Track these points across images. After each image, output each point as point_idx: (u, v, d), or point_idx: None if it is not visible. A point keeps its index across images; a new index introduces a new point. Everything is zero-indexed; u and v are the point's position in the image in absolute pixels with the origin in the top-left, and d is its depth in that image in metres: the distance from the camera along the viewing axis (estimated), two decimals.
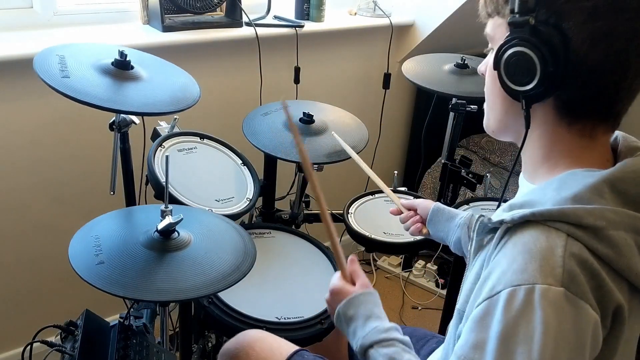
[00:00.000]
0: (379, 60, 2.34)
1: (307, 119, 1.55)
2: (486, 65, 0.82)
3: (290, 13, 2.09)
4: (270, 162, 1.66)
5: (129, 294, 0.94)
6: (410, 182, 2.62)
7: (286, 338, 1.22)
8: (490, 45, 0.80)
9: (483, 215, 0.75)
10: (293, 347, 1.10)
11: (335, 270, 1.42)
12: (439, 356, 0.89)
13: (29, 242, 1.72)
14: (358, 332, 0.89)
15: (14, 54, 1.47)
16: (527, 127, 0.74)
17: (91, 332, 1.09)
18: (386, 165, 2.58)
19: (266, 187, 1.66)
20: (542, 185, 0.74)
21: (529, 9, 0.68)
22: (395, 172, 1.80)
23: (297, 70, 2.05)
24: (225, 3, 1.88)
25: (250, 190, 1.47)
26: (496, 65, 0.74)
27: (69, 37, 1.62)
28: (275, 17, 2.03)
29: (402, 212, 1.28)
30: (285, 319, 1.26)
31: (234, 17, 1.89)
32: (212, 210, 1.31)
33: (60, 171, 1.70)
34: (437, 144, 2.07)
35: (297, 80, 2.06)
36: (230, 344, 1.14)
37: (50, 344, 1.05)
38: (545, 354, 0.62)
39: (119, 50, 1.29)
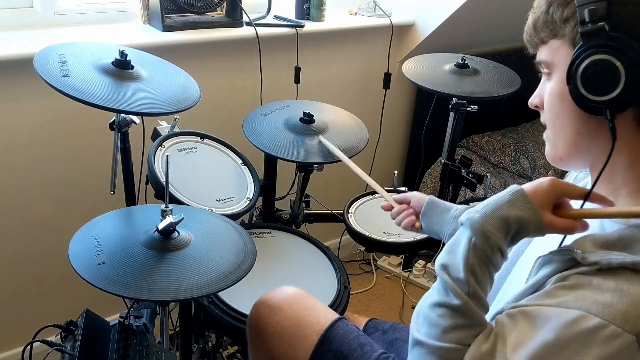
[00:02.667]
0: (379, 60, 2.34)
1: (307, 119, 1.55)
2: (541, 97, 0.80)
3: (290, 13, 2.09)
4: (271, 162, 1.66)
5: (129, 294, 0.94)
6: (410, 182, 2.62)
7: None
8: (544, 72, 0.79)
9: (573, 251, 0.70)
10: (334, 315, 1.08)
11: (336, 270, 1.42)
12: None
13: (29, 241, 1.72)
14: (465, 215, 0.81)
15: (14, 53, 1.47)
16: (614, 139, 0.70)
17: (91, 331, 1.09)
18: (386, 165, 2.58)
19: (266, 186, 1.66)
20: (636, 222, 0.70)
21: (601, 16, 0.67)
22: (396, 172, 1.80)
23: (297, 70, 2.05)
24: (225, 3, 1.88)
25: (250, 190, 1.47)
26: (570, 80, 0.71)
27: (70, 36, 1.62)
28: (276, 17, 2.03)
29: (392, 207, 1.25)
30: None
31: (234, 16, 1.89)
32: (212, 210, 1.31)
33: (60, 171, 1.70)
34: (437, 144, 2.07)
35: (297, 80, 2.06)
36: (270, 295, 1.11)
37: (50, 344, 1.05)
38: None
39: (119, 50, 1.29)
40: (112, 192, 1.43)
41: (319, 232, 1.80)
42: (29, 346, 1.05)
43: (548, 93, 0.78)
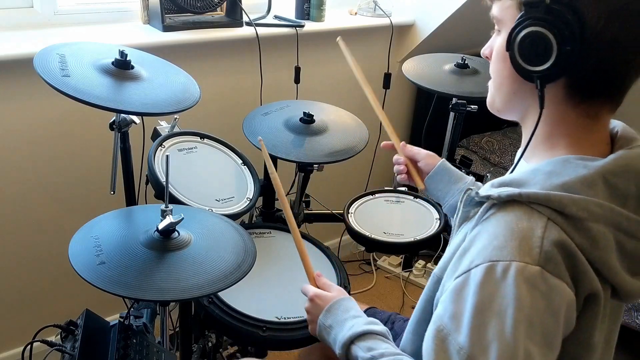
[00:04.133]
0: (380, 60, 2.34)
1: (307, 119, 1.55)
2: (491, 49, 0.82)
3: (290, 13, 2.09)
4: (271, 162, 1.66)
5: (129, 294, 0.94)
6: None
7: (286, 338, 1.22)
8: (496, 27, 0.80)
9: (471, 189, 0.77)
10: (364, 305, 1.14)
11: (336, 270, 1.42)
12: (415, 320, 0.91)
13: (29, 241, 1.72)
14: (339, 336, 0.92)
15: (14, 53, 1.47)
16: (542, 107, 0.74)
17: (91, 331, 1.09)
18: (386, 165, 2.57)
19: (266, 186, 1.66)
20: (535, 167, 0.75)
21: None
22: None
23: (297, 70, 2.04)
24: (225, 3, 1.88)
25: (250, 190, 1.47)
26: (509, 46, 0.74)
27: (70, 36, 1.62)
28: (276, 17, 2.03)
29: (395, 149, 1.27)
30: (285, 318, 1.26)
31: (234, 16, 1.89)
32: (212, 210, 1.31)
33: (60, 171, 1.70)
34: (437, 144, 2.07)
35: (297, 80, 2.06)
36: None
37: (51, 344, 1.05)
38: (518, 329, 0.64)
39: (119, 50, 1.29)
40: (112, 192, 1.43)
41: (319, 232, 1.80)
42: (29, 346, 1.04)
43: (495, 49, 0.80)
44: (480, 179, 1.79)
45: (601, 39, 0.68)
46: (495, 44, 0.80)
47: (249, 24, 1.88)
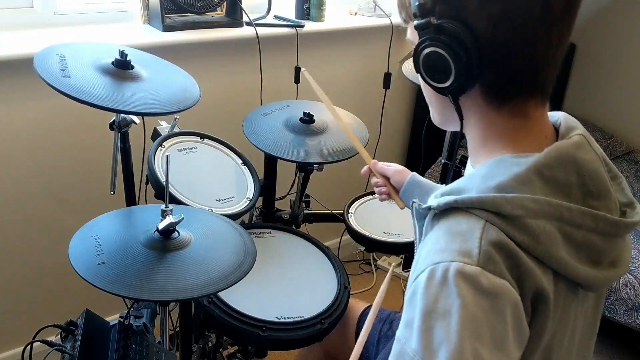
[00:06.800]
0: (380, 60, 2.34)
1: (307, 119, 1.55)
2: None
3: (290, 13, 2.09)
4: (271, 161, 1.66)
5: (130, 294, 0.94)
6: None
7: (286, 338, 1.22)
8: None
9: (415, 201, 0.78)
10: (364, 304, 1.20)
11: (336, 270, 1.42)
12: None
13: (29, 241, 1.72)
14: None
15: (14, 53, 1.47)
16: (461, 118, 0.77)
17: (91, 331, 1.09)
18: None
19: (266, 186, 1.66)
20: (472, 172, 0.75)
21: (429, 10, 0.70)
22: None
23: (297, 70, 2.05)
24: (225, 3, 1.88)
25: (250, 190, 1.47)
26: (417, 68, 0.76)
27: (70, 36, 1.62)
28: (276, 17, 2.03)
29: (372, 173, 1.28)
30: (285, 318, 1.26)
31: (234, 17, 1.89)
32: (212, 210, 1.31)
33: (60, 171, 1.70)
34: (437, 144, 2.07)
35: (297, 80, 2.06)
36: None
37: (51, 344, 1.05)
38: (464, 329, 0.63)
39: (119, 50, 1.29)
40: (112, 192, 1.43)
41: (319, 232, 1.80)
42: (29, 346, 1.05)
43: None
44: None
45: (496, 44, 0.68)
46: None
47: (249, 24, 1.88)
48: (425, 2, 0.70)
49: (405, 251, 2.16)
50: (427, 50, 0.73)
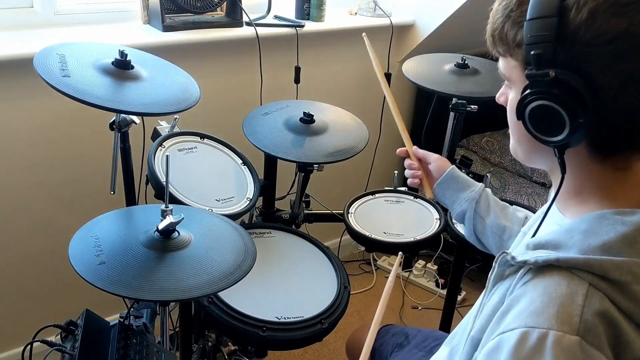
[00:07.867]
0: (380, 60, 2.33)
1: (307, 119, 1.55)
2: (505, 97, 0.79)
3: (290, 13, 2.09)
4: (271, 162, 1.66)
5: (129, 294, 0.94)
6: None
7: (286, 338, 1.22)
8: (506, 82, 0.77)
9: (506, 252, 0.72)
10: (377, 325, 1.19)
11: (336, 270, 1.42)
12: None
13: (29, 241, 1.72)
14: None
15: (14, 53, 1.47)
16: (563, 172, 0.71)
17: (91, 331, 1.09)
18: (386, 165, 2.58)
19: (266, 186, 1.66)
20: (569, 226, 0.71)
21: (548, 60, 0.65)
22: (396, 172, 1.80)
23: (297, 70, 2.04)
24: (225, 3, 1.88)
25: (250, 190, 1.47)
26: (520, 116, 0.71)
27: (70, 36, 1.62)
28: (276, 17, 2.03)
29: (408, 154, 1.29)
30: (285, 319, 1.26)
31: (234, 17, 1.89)
32: (212, 210, 1.31)
33: (60, 171, 1.70)
34: (437, 144, 2.07)
35: (297, 80, 2.06)
36: None
37: (51, 344, 1.05)
38: None
39: (119, 50, 1.29)
40: (112, 192, 1.43)
41: (319, 232, 1.80)
42: (29, 346, 1.05)
43: (509, 104, 0.77)
44: (480, 179, 1.78)
45: (620, 105, 0.64)
46: (509, 99, 0.77)
47: (249, 24, 1.88)
48: (545, 52, 0.64)
49: (405, 251, 2.16)
50: (538, 103, 0.67)
